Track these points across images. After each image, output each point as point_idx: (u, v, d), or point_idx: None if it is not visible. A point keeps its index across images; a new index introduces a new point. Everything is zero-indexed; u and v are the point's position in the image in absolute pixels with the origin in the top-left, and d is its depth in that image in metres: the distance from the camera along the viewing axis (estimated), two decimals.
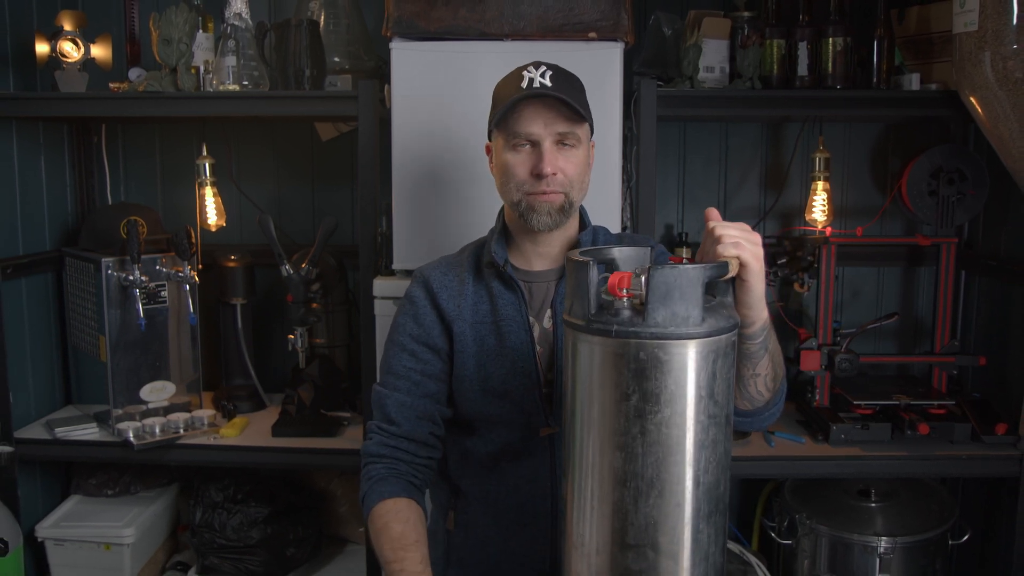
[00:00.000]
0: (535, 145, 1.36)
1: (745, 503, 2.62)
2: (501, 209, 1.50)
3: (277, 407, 2.39)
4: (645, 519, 0.95)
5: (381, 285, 2.01)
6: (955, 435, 2.14)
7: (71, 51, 2.18)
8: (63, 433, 2.26)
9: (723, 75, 2.18)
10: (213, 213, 2.47)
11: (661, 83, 2.09)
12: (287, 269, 2.18)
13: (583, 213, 1.49)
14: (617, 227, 1.98)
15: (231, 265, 2.45)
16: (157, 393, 2.30)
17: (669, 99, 2.06)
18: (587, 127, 1.40)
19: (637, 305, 0.96)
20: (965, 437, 2.14)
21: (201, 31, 2.17)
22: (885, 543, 2.08)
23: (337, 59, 2.31)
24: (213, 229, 2.48)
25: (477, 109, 1.45)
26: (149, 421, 2.21)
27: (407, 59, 1.95)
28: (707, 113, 2.31)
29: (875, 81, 2.19)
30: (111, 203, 2.62)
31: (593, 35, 1.91)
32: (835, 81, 2.14)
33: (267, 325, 2.66)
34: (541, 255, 1.45)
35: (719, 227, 1.10)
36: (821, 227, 2.40)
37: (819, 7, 2.17)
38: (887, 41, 2.19)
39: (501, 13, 1.90)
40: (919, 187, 2.31)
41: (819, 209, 2.41)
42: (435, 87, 1.94)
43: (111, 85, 2.22)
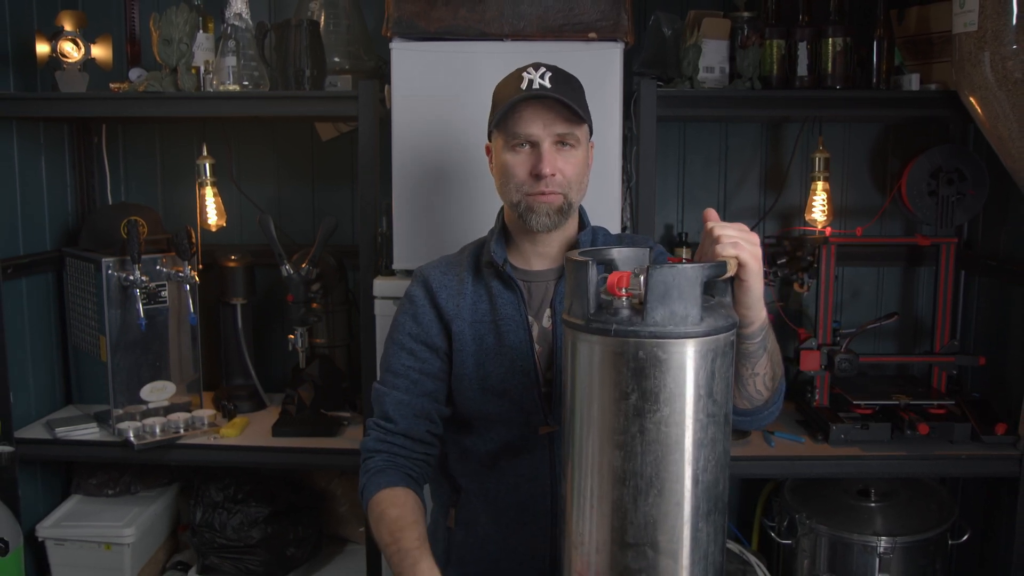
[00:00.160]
0: (534, 146, 1.37)
1: (745, 503, 2.62)
2: (501, 209, 1.51)
3: (277, 407, 2.40)
4: (644, 518, 0.95)
5: (381, 285, 2.02)
6: (955, 435, 2.14)
7: (71, 51, 2.18)
8: (63, 433, 2.26)
9: (723, 75, 2.18)
10: (213, 213, 2.48)
11: (661, 83, 2.09)
12: (287, 269, 2.18)
13: (582, 213, 1.50)
14: (617, 227, 1.98)
15: (231, 265, 2.45)
16: (157, 393, 2.31)
17: (669, 99, 2.06)
18: (586, 128, 1.41)
19: (636, 304, 0.96)
20: (965, 437, 2.14)
21: (201, 31, 2.17)
22: (885, 543, 2.08)
23: (337, 59, 2.31)
24: (213, 229, 2.49)
25: (477, 109, 1.46)
26: (149, 421, 2.21)
27: (407, 59, 1.95)
28: (707, 113, 2.31)
29: (875, 81, 2.19)
30: (111, 203, 2.62)
31: (593, 35, 1.91)
32: (835, 81, 2.15)
33: (267, 325, 2.66)
34: (540, 255, 1.46)
35: (717, 227, 1.10)
36: (821, 227, 2.40)
37: (819, 7, 2.17)
38: (887, 41, 2.19)
39: (501, 13, 1.91)
40: (919, 187, 2.31)
41: (819, 209, 2.41)
42: (435, 87, 1.94)
43: (111, 85, 2.23)
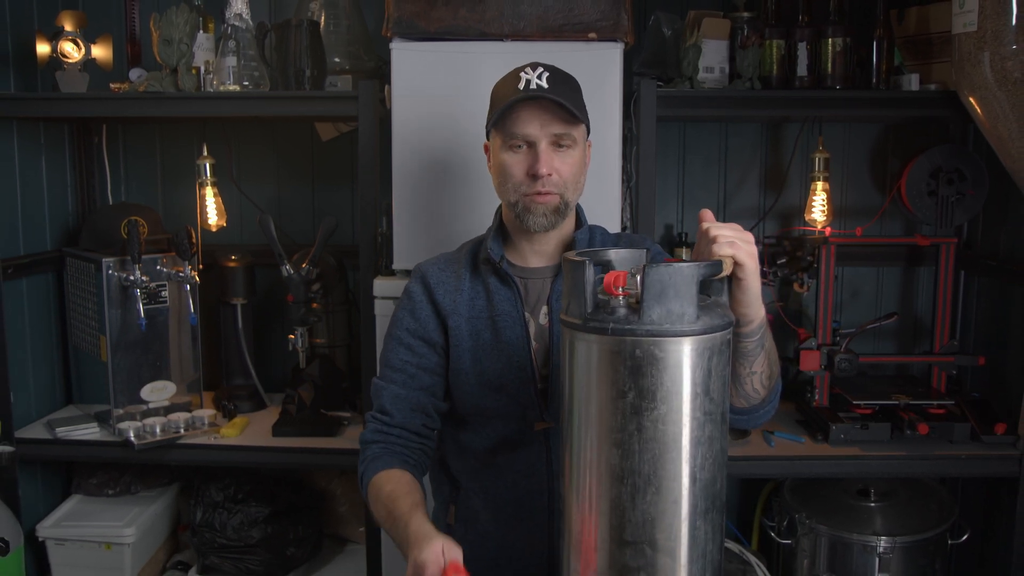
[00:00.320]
0: (531, 146, 1.37)
1: (745, 503, 2.62)
2: (499, 207, 1.51)
3: (277, 407, 2.40)
4: (642, 516, 0.95)
5: (381, 285, 2.02)
6: (954, 435, 2.14)
7: (72, 51, 2.19)
8: (64, 433, 2.26)
9: (723, 75, 2.18)
10: (213, 213, 2.48)
11: (661, 83, 2.09)
12: (287, 269, 2.18)
13: (579, 211, 1.51)
14: (617, 227, 1.98)
15: (231, 265, 2.45)
16: (158, 393, 2.31)
17: (669, 99, 2.07)
18: (583, 128, 1.41)
19: (633, 304, 0.96)
20: (964, 437, 2.14)
21: (202, 31, 2.18)
22: (884, 543, 2.08)
23: (337, 59, 2.31)
24: (213, 229, 2.49)
25: (477, 109, 1.46)
26: (150, 421, 2.21)
27: (407, 59, 1.95)
28: (707, 113, 2.32)
29: (874, 81, 2.19)
30: (112, 203, 2.62)
31: (593, 35, 1.91)
32: (834, 81, 2.15)
33: (267, 325, 2.67)
34: (537, 252, 1.47)
35: (714, 228, 1.10)
36: (820, 227, 2.40)
37: (819, 7, 2.17)
38: (886, 41, 2.19)
39: (501, 13, 1.91)
40: (918, 187, 2.32)
41: (818, 209, 2.41)
42: (435, 87, 1.94)
43: (112, 85, 2.23)
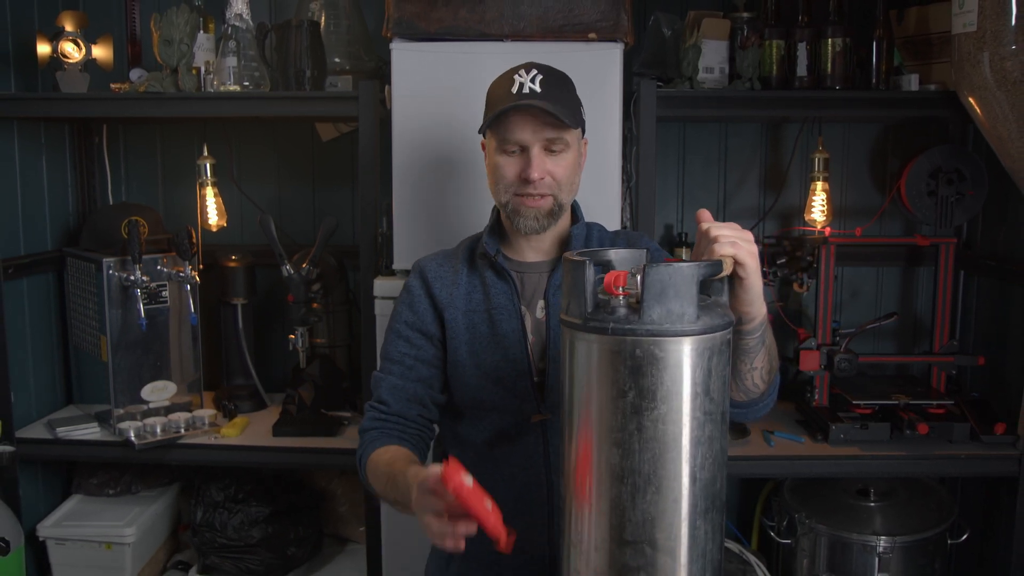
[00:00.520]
0: (524, 150, 1.38)
1: (745, 502, 2.62)
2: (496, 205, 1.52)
3: (278, 407, 2.40)
4: (642, 515, 0.95)
5: (381, 285, 2.02)
6: (954, 435, 2.14)
7: (72, 52, 2.19)
8: (64, 433, 2.26)
9: (722, 76, 2.18)
10: (214, 213, 2.48)
11: (661, 84, 2.10)
12: (288, 269, 2.19)
13: (576, 208, 1.52)
14: (616, 227, 1.98)
15: (232, 265, 2.45)
16: (158, 393, 2.31)
17: (669, 100, 2.07)
18: (577, 131, 1.42)
19: (633, 303, 0.96)
20: (964, 437, 2.14)
21: (202, 32, 2.18)
22: (884, 542, 2.08)
23: (338, 60, 2.32)
24: (214, 229, 2.49)
25: (477, 110, 1.46)
26: (150, 421, 2.21)
27: (407, 60, 1.95)
28: (707, 114, 2.31)
29: (874, 82, 2.20)
30: (112, 203, 2.63)
31: (593, 36, 1.92)
32: (834, 82, 2.15)
33: (268, 325, 2.67)
34: (533, 248, 1.48)
35: (713, 228, 1.10)
36: (820, 227, 2.41)
37: (818, 8, 2.18)
38: (886, 42, 2.19)
39: (501, 14, 1.91)
40: (918, 187, 2.32)
41: (818, 209, 2.41)
42: (435, 88, 1.94)
43: (112, 86, 2.23)
